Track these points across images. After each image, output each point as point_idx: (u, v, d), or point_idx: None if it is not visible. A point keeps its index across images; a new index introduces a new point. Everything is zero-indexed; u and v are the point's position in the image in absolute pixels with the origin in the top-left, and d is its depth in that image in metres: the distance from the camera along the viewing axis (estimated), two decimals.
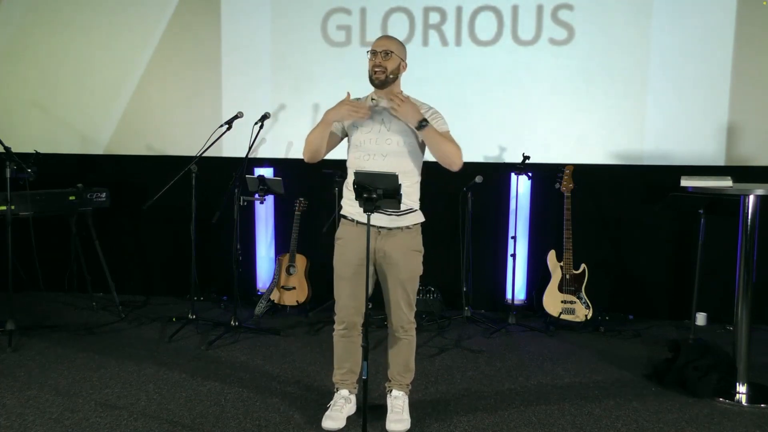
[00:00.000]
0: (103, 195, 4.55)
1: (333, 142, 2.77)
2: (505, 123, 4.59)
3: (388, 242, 2.68)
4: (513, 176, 4.48)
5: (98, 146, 5.04)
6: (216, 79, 4.84)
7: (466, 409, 2.97)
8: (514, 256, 4.39)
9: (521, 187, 4.53)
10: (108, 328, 4.17)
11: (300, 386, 3.20)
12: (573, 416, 2.92)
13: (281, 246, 4.82)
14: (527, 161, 4.30)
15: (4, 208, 3.89)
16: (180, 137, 4.89)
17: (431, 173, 4.62)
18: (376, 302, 3.61)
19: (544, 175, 4.48)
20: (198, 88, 4.88)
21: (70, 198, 4.37)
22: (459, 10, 4.57)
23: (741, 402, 3.06)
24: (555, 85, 4.51)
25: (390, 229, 2.68)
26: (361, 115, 2.60)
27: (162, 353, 3.69)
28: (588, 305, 4.25)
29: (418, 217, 2.76)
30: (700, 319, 4.40)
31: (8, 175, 3.84)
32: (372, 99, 2.74)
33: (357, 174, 2.43)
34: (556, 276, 4.30)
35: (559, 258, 4.30)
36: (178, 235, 4.77)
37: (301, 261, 4.50)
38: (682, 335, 4.13)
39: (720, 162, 4.38)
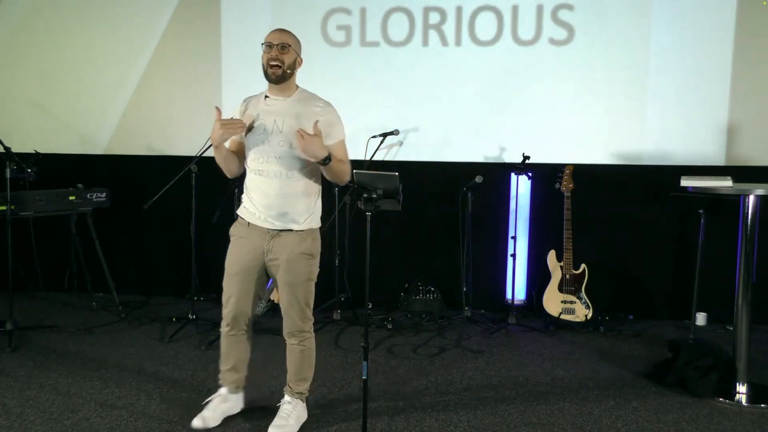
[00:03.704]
0: (103, 195, 4.54)
1: (243, 149, 2.68)
2: (505, 123, 4.59)
3: (276, 244, 2.61)
4: (513, 176, 4.48)
5: (98, 146, 5.04)
6: (216, 79, 4.84)
7: (466, 409, 2.97)
8: (514, 256, 4.39)
9: (521, 187, 4.53)
10: (108, 328, 4.17)
11: None
12: (573, 416, 2.92)
13: None
14: (527, 161, 4.31)
15: (4, 208, 3.89)
16: (180, 137, 4.89)
17: (431, 173, 4.66)
18: (375, 303, 3.62)
19: (544, 175, 4.48)
20: (198, 88, 4.88)
21: (70, 198, 4.36)
22: (459, 10, 4.57)
23: (741, 402, 3.06)
24: (555, 85, 4.51)
25: (280, 231, 2.60)
26: (238, 130, 2.52)
27: (162, 353, 3.70)
28: (588, 305, 4.25)
29: (312, 222, 2.68)
30: (700, 319, 4.40)
31: (8, 175, 3.84)
32: (266, 97, 2.64)
33: (357, 174, 2.43)
34: (556, 276, 4.30)
35: (559, 258, 4.30)
36: (178, 235, 4.77)
37: None
38: (682, 335, 4.13)
39: (720, 162, 4.38)
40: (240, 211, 2.69)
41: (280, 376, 2.84)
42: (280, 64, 2.53)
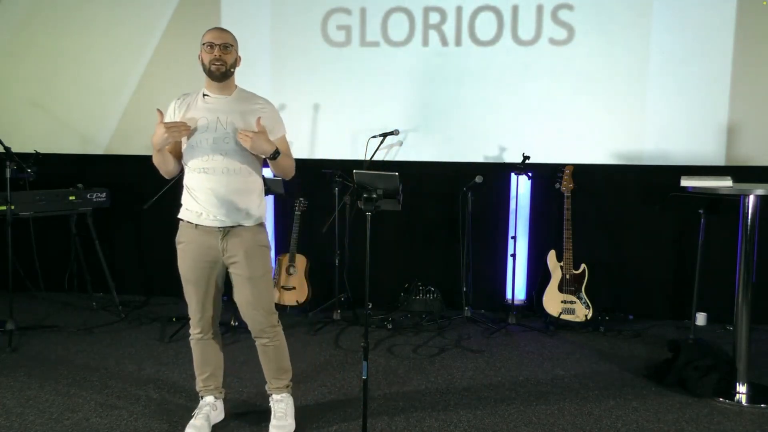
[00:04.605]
0: (103, 195, 4.55)
1: (179, 148, 2.65)
2: (505, 123, 4.59)
3: (230, 242, 2.58)
4: (513, 176, 4.48)
5: (98, 146, 5.04)
6: None
7: (466, 409, 2.97)
8: (514, 256, 4.39)
9: (521, 187, 4.53)
10: (108, 328, 4.17)
11: (299, 386, 3.19)
12: (573, 416, 2.92)
13: (281, 246, 4.82)
14: (527, 161, 4.30)
15: (4, 208, 3.89)
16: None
17: (430, 173, 4.66)
18: (375, 303, 3.58)
19: (544, 175, 4.48)
20: (198, 88, 4.86)
21: (70, 198, 4.37)
22: (459, 10, 4.57)
23: (741, 402, 3.06)
24: (555, 85, 4.51)
25: (233, 227, 2.57)
26: (183, 132, 2.49)
27: (162, 353, 3.70)
28: (588, 305, 4.25)
29: (261, 216, 2.67)
30: (700, 319, 4.40)
31: (8, 175, 3.85)
32: (204, 95, 2.63)
33: (357, 174, 2.43)
34: (556, 276, 4.30)
35: (559, 258, 4.30)
36: None
37: (300, 261, 4.50)
38: (682, 335, 4.13)
39: (720, 162, 4.38)
40: (182, 215, 2.64)
41: None
42: (223, 63, 2.54)
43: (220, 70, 2.55)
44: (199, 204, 2.57)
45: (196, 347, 2.76)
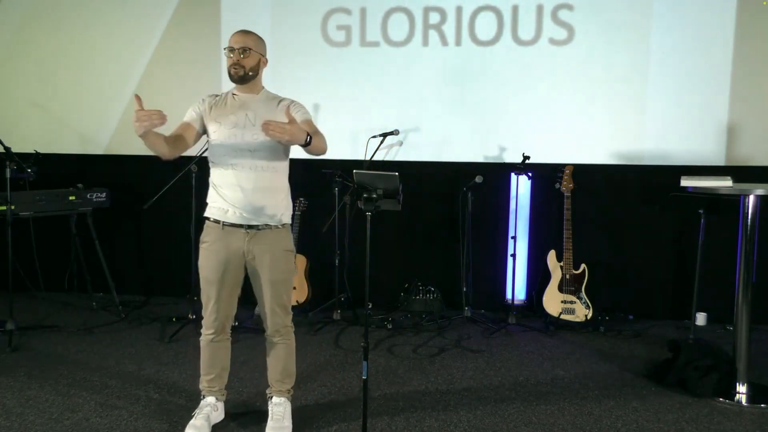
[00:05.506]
0: (103, 195, 4.55)
1: (193, 135, 2.60)
2: (505, 123, 4.59)
3: (256, 244, 2.58)
4: (513, 176, 4.49)
5: (98, 146, 5.04)
6: (216, 78, 4.84)
7: (466, 409, 2.97)
8: (514, 256, 4.39)
9: (521, 187, 4.53)
10: (108, 328, 4.17)
11: (299, 386, 3.19)
12: (573, 416, 2.92)
13: None
14: (527, 161, 4.31)
15: (4, 208, 3.89)
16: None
17: (431, 173, 4.66)
18: (375, 303, 3.56)
19: (544, 175, 4.48)
20: (198, 88, 4.87)
21: (70, 198, 4.37)
22: (459, 10, 4.57)
23: (741, 402, 3.06)
24: (555, 85, 4.51)
25: (259, 228, 2.57)
26: (156, 123, 2.32)
27: (162, 353, 3.70)
28: (588, 305, 4.25)
29: (287, 218, 2.67)
30: (700, 319, 4.40)
31: (8, 175, 3.84)
32: (233, 95, 2.63)
33: (357, 174, 2.43)
34: (556, 276, 4.30)
35: (559, 258, 4.30)
36: (178, 235, 4.77)
37: (300, 261, 4.50)
38: (682, 335, 4.13)
39: (720, 162, 4.38)
40: (208, 212, 2.63)
41: None
42: (241, 68, 2.55)
43: (238, 74, 2.56)
44: (226, 201, 2.57)
45: (207, 348, 2.74)
